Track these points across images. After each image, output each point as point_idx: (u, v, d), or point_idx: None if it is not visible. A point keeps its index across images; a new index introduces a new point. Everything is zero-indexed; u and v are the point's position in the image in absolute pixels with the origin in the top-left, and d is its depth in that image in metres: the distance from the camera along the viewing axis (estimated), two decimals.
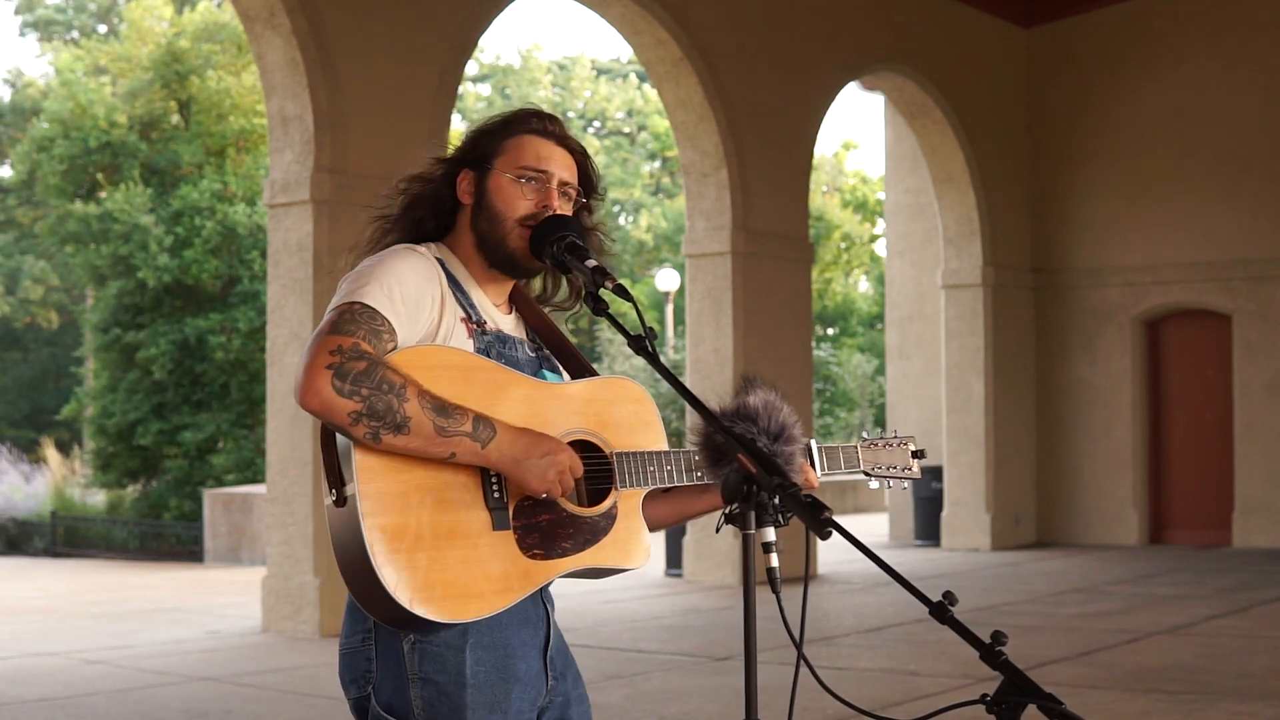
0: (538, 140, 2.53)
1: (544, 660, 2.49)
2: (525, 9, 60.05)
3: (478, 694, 2.35)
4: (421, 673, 2.34)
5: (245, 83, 21.12)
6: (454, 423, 2.25)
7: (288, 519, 9.62)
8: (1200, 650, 8.49)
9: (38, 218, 30.19)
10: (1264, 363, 15.51)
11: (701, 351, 12.75)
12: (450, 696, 2.34)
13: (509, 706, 2.39)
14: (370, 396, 2.19)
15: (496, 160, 2.51)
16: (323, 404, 2.18)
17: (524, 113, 2.57)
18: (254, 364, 19.82)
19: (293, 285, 9.67)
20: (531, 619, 2.46)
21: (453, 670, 2.34)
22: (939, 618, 2.04)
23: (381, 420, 2.20)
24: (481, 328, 2.47)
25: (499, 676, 2.38)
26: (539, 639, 2.48)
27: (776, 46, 13.38)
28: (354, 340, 2.23)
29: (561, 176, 2.53)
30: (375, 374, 2.20)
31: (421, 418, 2.22)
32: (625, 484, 2.46)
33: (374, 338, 2.26)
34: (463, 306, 2.46)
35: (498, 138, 2.54)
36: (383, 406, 2.19)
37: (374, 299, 2.30)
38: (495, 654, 2.38)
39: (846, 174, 39.66)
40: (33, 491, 21.22)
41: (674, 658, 8.45)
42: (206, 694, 7.54)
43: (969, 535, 15.71)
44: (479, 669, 2.36)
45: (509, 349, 2.51)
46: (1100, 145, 16.37)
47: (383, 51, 10.05)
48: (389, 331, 2.29)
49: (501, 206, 2.49)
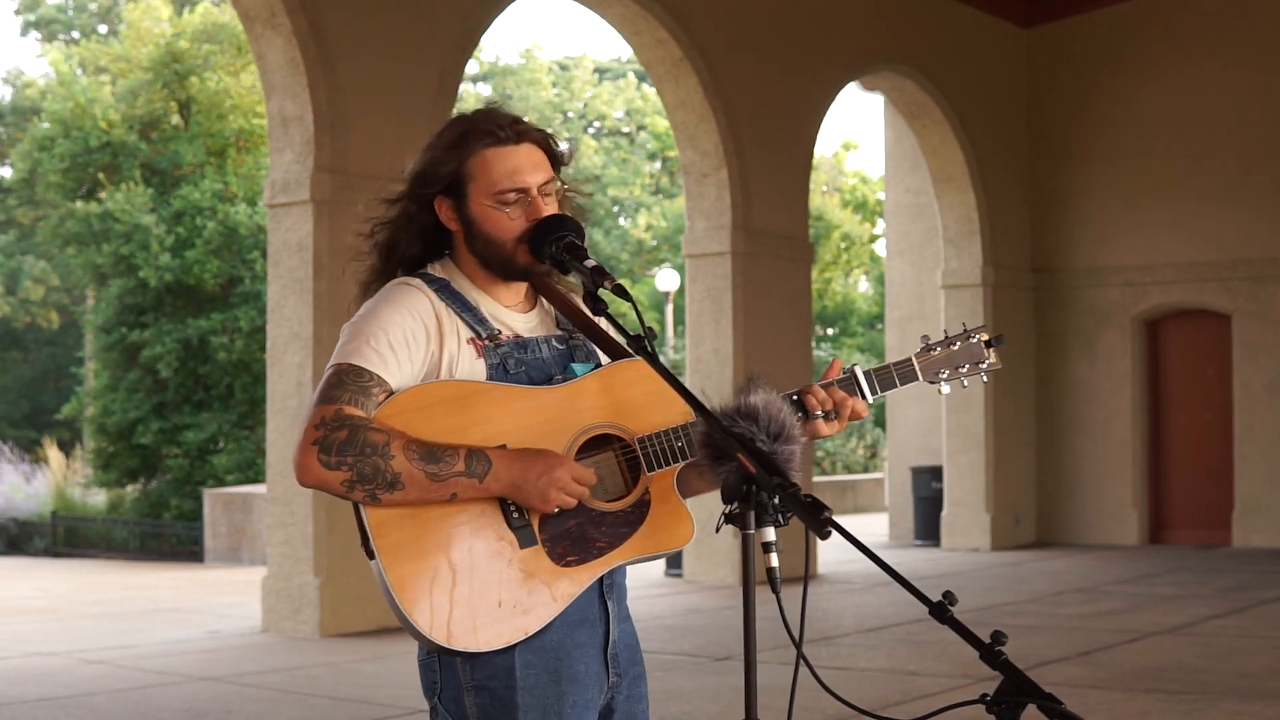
0: (500, 153, 2.45)
1: (605, 658, 2.50)
2: (525, 9, 60.10)
3: (529, 697, 2.39)
4: (475, 681, 2.40)
5: (245, 83, 21.13)
6: (445, 466, 2.30)
7: (288, 519, 9.62)
8: (1200, 650, 8.49)
9: (38, 218, 30.18)
10: (1264, 363, 15.50)
11: (701, 351, 12.75)
12: (503, 701, 2.39)
13: (562, 708, 2.41)
14: (356, 463, 2.26)
15: (469, 187, 2.45)
16: (316, 480, 2.28)
17: (476, 127, 2.46)
18: (256, 364, 19.82)
19: (293, 285, 9.67)
20: (589, 618, 2.48)
21: (503, 676, 2.39)
22: (939, 618, 2.04)
23: (373, 482, 2.28)
24: (494, 340, 2.46)
25: (551, 679, 2.41)
26: (598, 637, 2.49)
27: (776, 46, 13.38)
28: (336, 408, 2.29)
29: (538, 181, 2.47)
30: (358, 439, 2.27)
31: (411, 470, 2.28)
32: (653, 466, 2.47)
33: (361, 396, 2.32)
34: (469, 325, 2.45)
35: (459, 159, 2.45)
36: (370, 470, 2.27)
37: (360, 357, 2.36)
38: (546, 657, 2.41)
39: (846, 174, 39.63)
40: (33, 491, 21.23)
41: (674, 658, 8.45)
42: (206, 694, 7.54)
43: (969, 535, 15.70)
44: (529, 672, 2.39)
45: (529, 352, 2.49)
46: (1100, 145, 16.37)
47: (383, 51, 10.05)
48: (377, 385, 2.34)
49: (495, 232, 2.46)
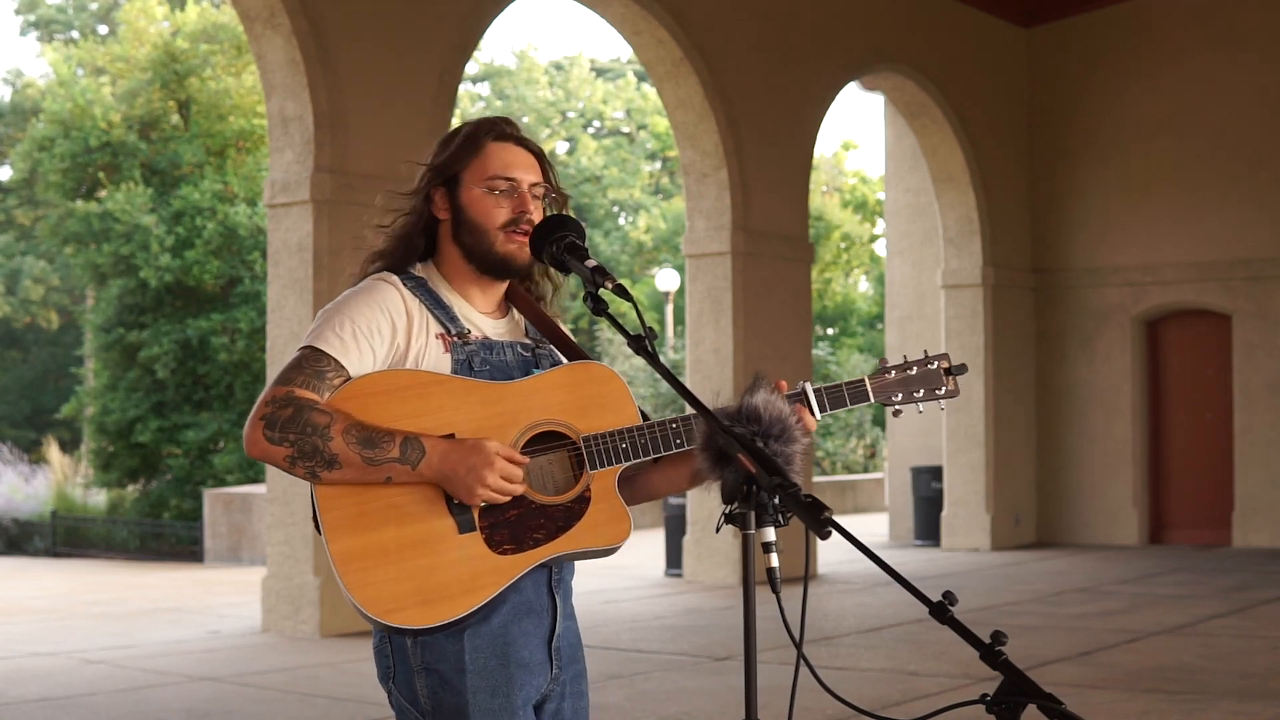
0: (500, 147, 2.62)
1: (549, 650, 2.56)
2: (524, 9, 60.09)
3: (478, 679, 2.46)
4: (425, 663, 2.47)
5: (245, 84, 21.12)
6: (381, 451, 2.40)
7: (288, 519, 9.62)
8: (1200, 650, 8.49)
9: (38, 218, 30.19)
10: (1264, 363, 15.50)
11: (701, 351, 12.75)
12: (452, 683, 2.46)
13: (511, 690, 2.48)
14: (297, 440, 2.39)
15: (464, 174, 2.61)
16: (262, 452, 2.41)
17: (482, 122, 2.66)
18: (256, 364, 19.83)
19: (293, 285, 9.67)
20: (535, 609, 2.54)
21: (452, 659, 2.46)
22: (939, 618, 2.04)
23: (313, 459, 2.39)
24: (463, 339, 2.56)
25: (499, 662, 2.47)
26: (543, 629, 2.55)
27: (776, 46, 13.38)
28: (289, 389, 2.42)
29: (529, 179, 2.62)
30: (301, 419, 2.39)
31: (348, 452, 2.39)
32: (596, 465, 2.52)
33: (316, 379, 2.45)
34: (440, 321, 2.56)
35: (460, 152, 2.62)
36: (309, 448, 2.39)
37: (322, 341, 2.48)
38: (494, 642, 2.47)
39: (846, 174, 39.63)
40: (33, 491, 21.25)
41: (674, 658, 8.45)
42: (206, 694, 7.55)
43: (969, 535, 15.70)
44: (477, 655, 2.46)
45: (495, 354, 2.58)
46: (1100, 145, 16.37)
47: (383, 52, 10.05)
48: (334, 370, 2.46)
49: (479, 218, 2.59)
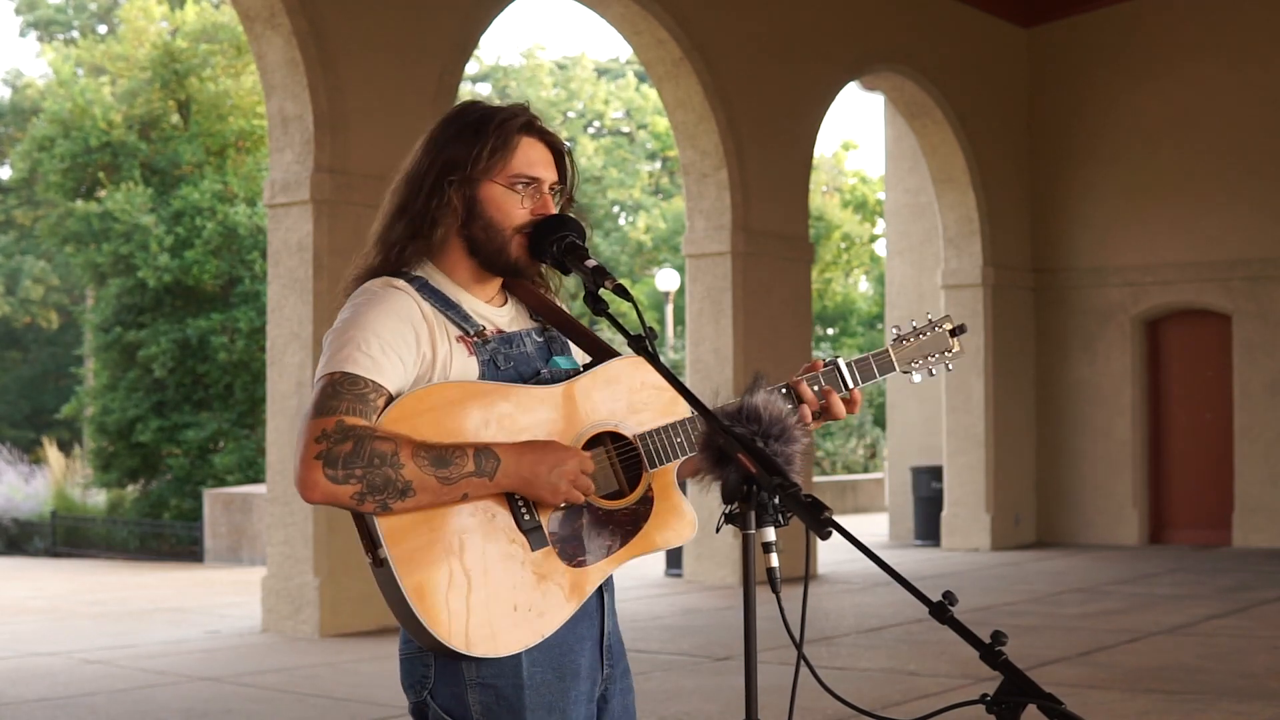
0: (525, 142, 2.46)
1: (600, 651, 2.51)
2: (525, 9, 60.10)
3: (535, 695, 2.38)
4: (480, 678, 2.36)
5: (245, 84, 21.12)
6: (455, 468, 2.26)
7: (288, 519, 9.62)
8: (1200, 650, 8.48)
9: (38, 218, 30.16)
10: (1264, 363, 15.50)
11: (701, 351, 12.75)
12: (509, 700, 2.36)
13: (566, 705, 2.41)
14: (365, 475, 2.21)
15: (488, 165, 2.44)
16: (324, 495, 2.21)
17: (509, 112, 2.48)
18: (256, 364, 19.81)
19: (293, 285, 9.67)
20: (589, 612, 2.47)
21: (510, 674, 2.36)
22: (939, 618, 2.04)
23: (385, 492, 2.22)
24: (482, 337, 2.44)
25: (556, 676, 2.40)
26: (595, 631, 2.49)
27: (777, 46, 13.38)
28: (337, 419, 2.23)
29: (551, 179, 2.49)
30: (364, 450, 2.21)
31: (422, 476, 2.24)
32: (655, 463, 2.46)
33: (360, 404, 2.26)
34: (456, 323, 2.42)
35: (481, 140, 2.44)
36: (380, 480, 2.21)
37: (352, 364, 2.29)
38: (551, 654, 2.39)
39: (846, 174, 39.62)
40: (33, 491, 21.24)
41: (674, 658, 8.45)
42: (206, 694, 7.54)
43: (969, 535, 15.70)
44: (535, 670, 2.38)
45: (515, 346, 2.47)
46: (1100, 145, 16.37)
47: (383, 51, 10.05)
48: (374, 390, 2.28)
49: (497, 216, 2.44)
